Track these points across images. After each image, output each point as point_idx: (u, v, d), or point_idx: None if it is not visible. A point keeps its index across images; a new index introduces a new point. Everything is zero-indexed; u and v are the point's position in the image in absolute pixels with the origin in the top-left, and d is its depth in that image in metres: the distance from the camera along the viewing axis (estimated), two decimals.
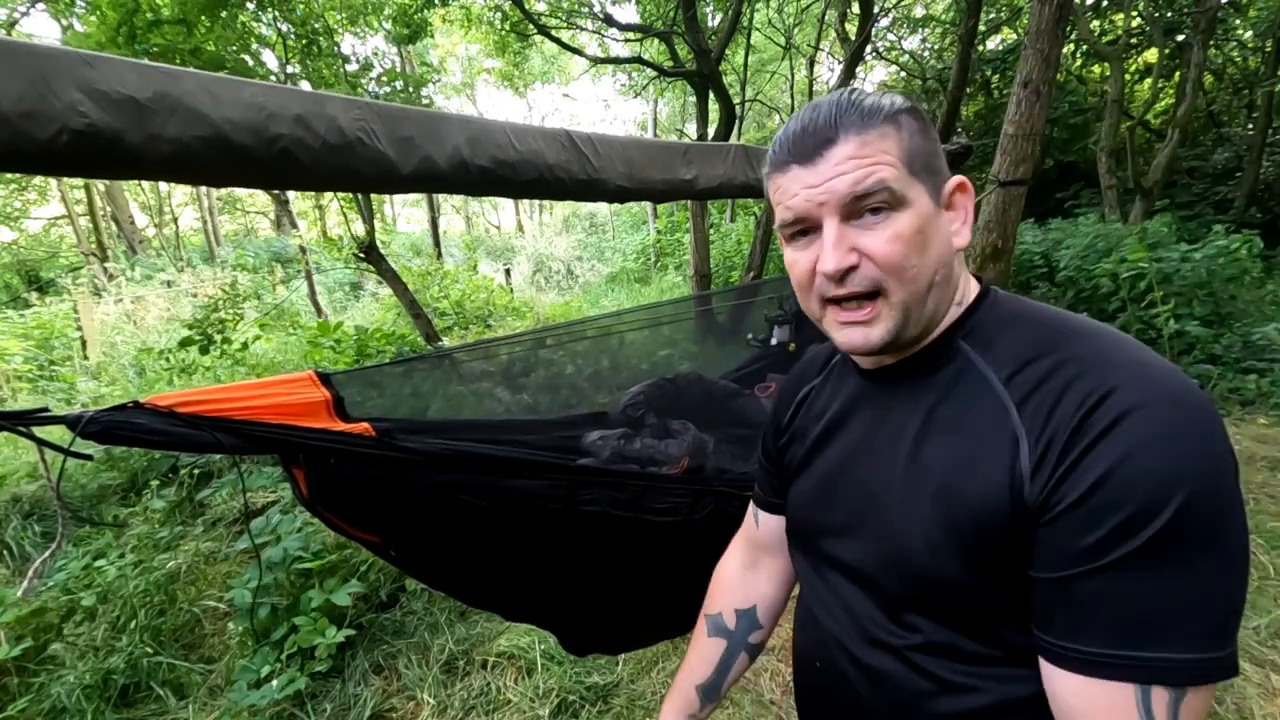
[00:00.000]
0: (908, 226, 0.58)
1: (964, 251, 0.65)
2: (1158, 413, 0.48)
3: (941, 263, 0.61)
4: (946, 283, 0.62)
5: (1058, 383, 0.53)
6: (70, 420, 0.72)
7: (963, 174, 0.64)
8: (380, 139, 0.96)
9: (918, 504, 0.59)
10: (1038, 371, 0.55)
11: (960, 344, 0.62)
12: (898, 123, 0.59)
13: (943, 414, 0.61)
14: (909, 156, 0.59)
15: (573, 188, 1.21)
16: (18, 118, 0.69)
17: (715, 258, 9.27)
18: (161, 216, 16.63)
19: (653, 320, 1.90)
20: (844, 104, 0.59)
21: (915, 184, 0.59)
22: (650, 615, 1.41)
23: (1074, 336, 0.56)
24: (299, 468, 0.90)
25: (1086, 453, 0.49)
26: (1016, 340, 0.59)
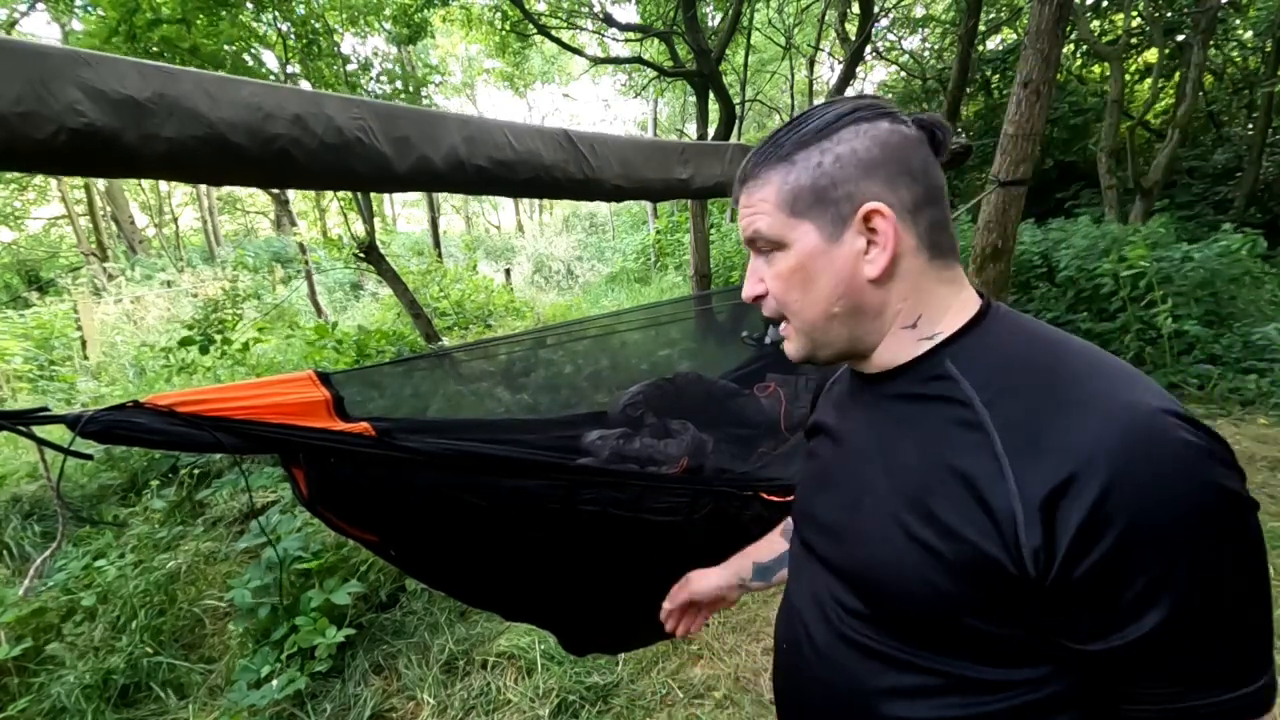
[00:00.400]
0: (785, 266, 0.62)
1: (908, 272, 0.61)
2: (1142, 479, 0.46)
3: (837, 296, 0.61)
4: (857, 313, 0.61)
5: (1045, 412, 0.51)
6: (70, 420, 0.72)
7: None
8: (377, 138, 0.96)
9: (892, 519, 0.59)
10: (1023, 394, 0.53)
11: (947, 364, 0.59)
12: (791, 162, 0.61)
13: (923, 431, 0.59)
14: (791, 198, 0.60)
15: (570, 187, 1.22)
16: (16, 117, 0.69)
17: (715, 258, 9.27)
18: (161, 216, 16.63)
19: (652, 320, 1.90)
20: (762, 145, 0.63)
21: (797, 224, 0.61)
22: (650, 615, 1.41)
23: (1064, 371, 0.53)
24: (299, 467, 0.90)
25: (1094, 515, 0.46)
26: (1005, 364, 0.57)
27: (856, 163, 0.59)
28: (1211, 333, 4.61)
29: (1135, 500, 0.46)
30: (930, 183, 0.61)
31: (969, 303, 0.62)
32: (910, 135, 0.61)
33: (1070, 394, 0.51)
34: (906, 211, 0.59)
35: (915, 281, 0.61)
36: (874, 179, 0.59)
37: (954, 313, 0.62)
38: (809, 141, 0.60)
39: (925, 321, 0.61)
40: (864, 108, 0.61)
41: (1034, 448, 0.50)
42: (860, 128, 0.59)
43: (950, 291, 0.62)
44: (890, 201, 0.59)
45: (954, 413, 0.56)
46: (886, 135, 0.59)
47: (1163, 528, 0.46)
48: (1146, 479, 0.46)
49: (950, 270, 0.62)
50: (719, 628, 2.47)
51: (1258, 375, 4.32)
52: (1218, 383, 4.36)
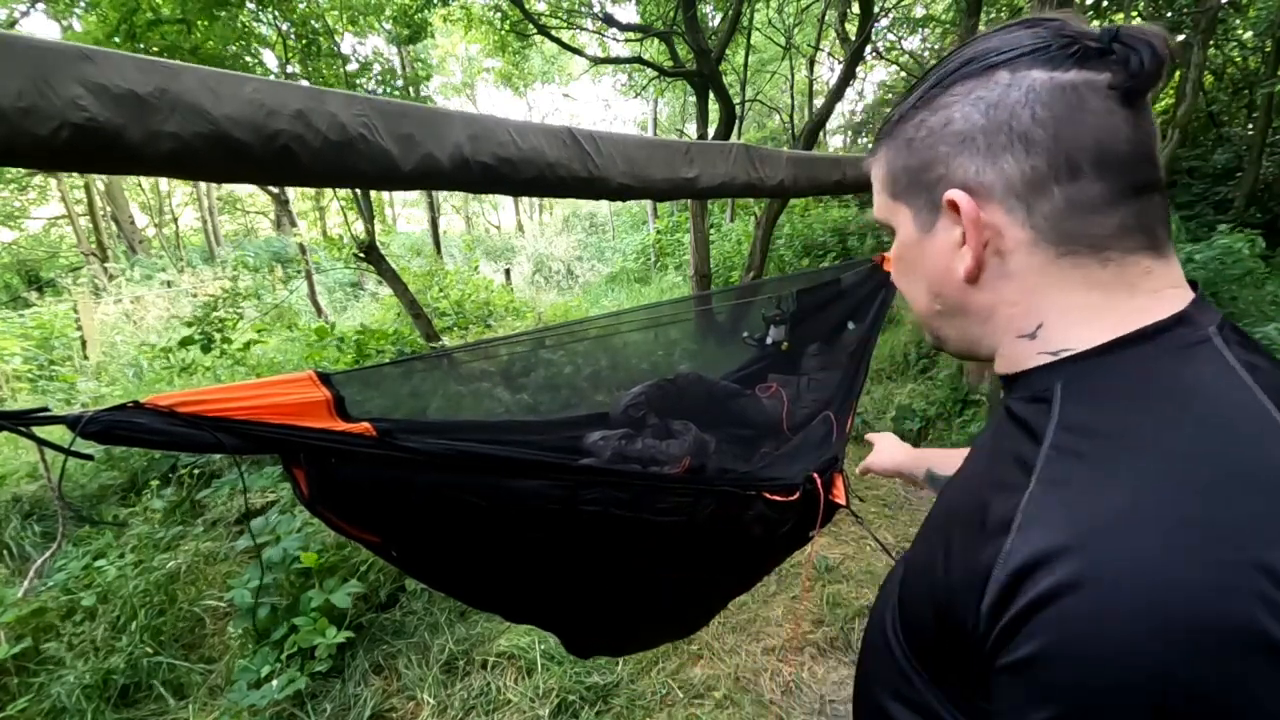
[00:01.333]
0: (894, 252, 0.57)
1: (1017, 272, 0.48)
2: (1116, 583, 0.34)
3: (933, 293, 0.54)
4: (959, 314, 0.53)
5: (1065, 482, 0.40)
6: (70, 420, 0.71)
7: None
8: (381, 135, 0.96)
9: (932, 535, 0.52)
10: (1075, 454, 0.41)
11: (1056, 387, 0.46)
12: (892, 138, 0.53)
13: (995, 456, 0.49)
14: (891, 180, 0.54)
15: (574, 186, 1.21)
16: (17, 113, 0.69)
17: (715, 258, 9.27)
18: (161, 216, 16.63)
19: (653, 320, 1.89)
20: (889, 114, 0.55)
21: (898, 209, 0.54)
22: (651, 616, 1.40)
23: (1141, 433, 0.40)
24: (299, 467, 0.90)
25: (1025, 614, 0.37)
26: (1109, 404, 0.43)
27: (950, 135, 0.47)
28: None
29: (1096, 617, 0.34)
30: (1070, 149, 0.44)
31: (1140, 314, 0.45)
32: (1047, 83, 0.44)
33: (1108, 469, 0.39)
34: (1014, 195, 0.46)
35: (1034, 282, 0.47)
36: (969, 155, 0.47)
37: (1100, 325, 0.46)
38: (910, 112, 0.51)
39: (1047, 332, 0.48)
40: (979, 57, 0.47)
41: (1045, 514, 0.40)
42: (965, 87, 0.47)
43: (1100, 298, 0.46)
44: (988, 183, 0.46)
45: (1021, 445, 0.45)
46: (999, 93, 0.45)
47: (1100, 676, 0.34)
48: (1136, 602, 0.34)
49: (1109, 268, 0.46)
50: (719, 628, 2.47)
51: None
52: None
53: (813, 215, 10.47)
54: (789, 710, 2.09)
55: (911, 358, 5.47)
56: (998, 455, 0.48)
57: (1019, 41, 0.46)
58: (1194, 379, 0.42)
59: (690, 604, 1.45)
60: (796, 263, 8.90)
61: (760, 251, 6.23)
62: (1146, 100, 0.45)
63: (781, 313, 2.05)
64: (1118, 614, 0.34)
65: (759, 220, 6.38)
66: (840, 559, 2.92)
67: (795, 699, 2.14)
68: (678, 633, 1.67)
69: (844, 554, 2.96)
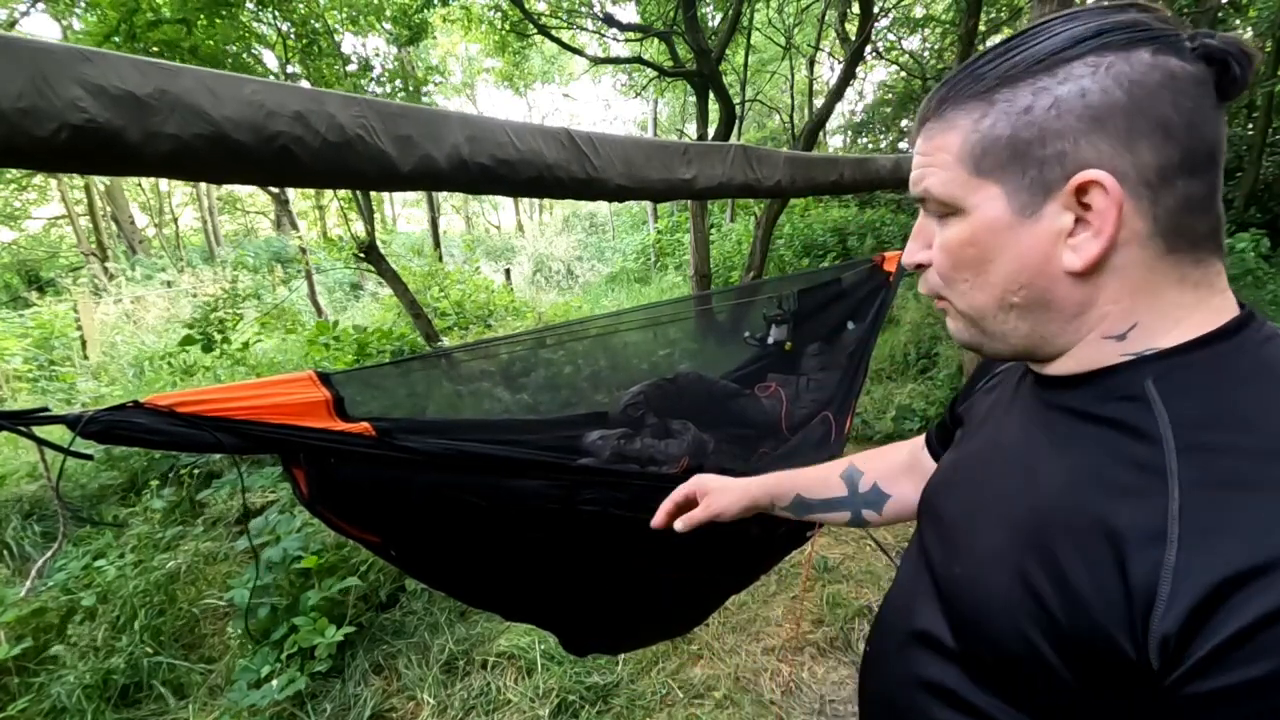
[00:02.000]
0: (955, 237, 0.50)
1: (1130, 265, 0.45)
2: None
3: (1017, 284, 0.48)
4: (1043, 308, 0.48)
5: (1248, 484, 0.38)
6: (70, 420, 0.72)
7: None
8: (380, 136, 0.96)
9: (1010, 549, 0.48)
10: (1232, 451, 0.39)
11: (1147, 385, 0.44)
12: (989, 101, 0.46)
13: (1083, 459, 0.46)
14: (980, 149, 0.47)
15: (572, 187, 1.21)
16: (16, 114, 0.69)
17: (715, 258, 9.27)
18: (161, 216, 16.63)
19: (653, 320, 1.89)
20: (964, 69, 0.48)
21: (981, 185, 0.47)
22: (650, 615, 1.41)
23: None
24: (299, 467, 0.90)
25: (1253, 629, 0.34)
26: (1231, 405, 0.42)
27: (1084, 110, 0.43)
28: None
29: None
30: (1196, 143, 0.43)
31: (1216, 314, 0.46)
32: (1183, 73, 0.42)
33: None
34: (1145, 185, 0.43)
35: (1138, 279, 0.45)
36: (1104, 135, 0.43)
37: (1186, 325, 0.45)
38: (1021, 75, 0.45)
39: (1139, 333, 0.46)
40: (1119, 28, 0.43)
41: (1221, 526, 0.37)
42: (1103, 59, 0.42)
43: (1192, 298, 0.45)
44: (1121, 169, 0.43)
45: (1129, 447, 0.43)
46: (1144, 72, 0.42)
47: None
48: None
49: (1199, 268, 0.45)
50: (719, 628, 2.47)
51: None
52: None
53: (813, 215, 10.48)
54: (789, 710, 2.09)
55: (911, 358, 5.47)
56: (1091, 461, 0.46)
57: (1149, 23, 0.43)
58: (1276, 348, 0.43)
59: (688, 603, 1.46)
60: (796, 263, 8.91)
61: (760, 251, 6.23)
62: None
63: (783, 312, 2.05)
64: None
65: (759, 220, 6.38)
66: (840, 559, 2.92)
67: (795, 699, 2.14)
68: (675, 631, 1.67)
69: (844, 554, 2.96)
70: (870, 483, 0.88)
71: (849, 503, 0.89)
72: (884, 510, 0.88)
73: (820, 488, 0.90)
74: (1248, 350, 0.44)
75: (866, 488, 0.88)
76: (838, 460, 0.93)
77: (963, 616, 0.52)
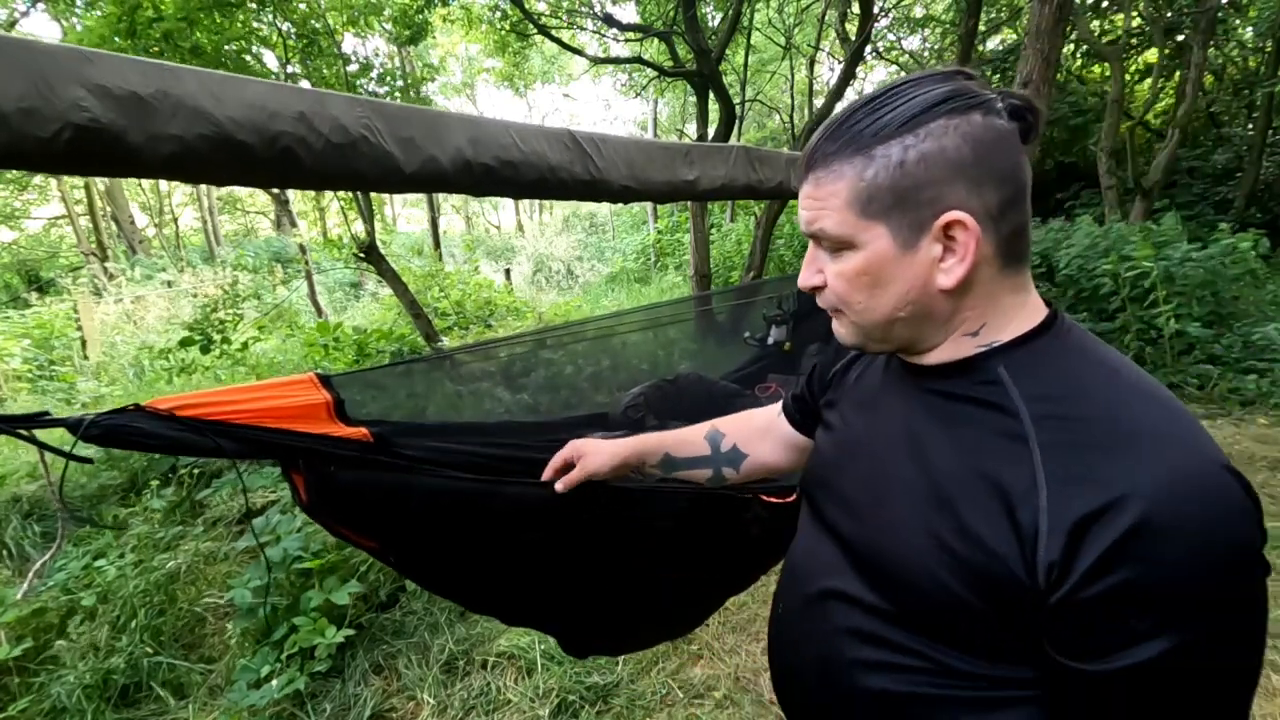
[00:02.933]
0: (851, 268, 0.59)
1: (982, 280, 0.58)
2: (1188, 519, 0.46)
3: (904, 302, 0.59)
4: (923, 319, 0.60)
5: (1091, 444, 0.50)
6: (71, 424, 0.72)
7: None
8: (384, 138, 0.96)
9: (920, 517, 0.58)
10: (1074, 419, 0.52)
11: (1000, 370, 0.57)
12: (869, 156, 0.56)
13: (961, 432, 0.58)
14: (865, 196, 0.56)
15: (575, 188, 1.21)
16: (18, 116, 0.69)
17: (715, 258, 9.27)
18: (161, 216, 16.63)
19: (653, 321, 1.90)
20: (834, 126, 0.58)
21: (869, 226, 0.57)
22: (650, 616, 1.40)
23: (1121, 402, 0.52)
24: (298, 473, 0.90)
25: (1111, 552, 0.46)
26: (1061, 382, 0.55)
27: (944, 164, 0.54)
28: (1212, 333, 4.61)
29: (1172, 543, 0.45)
30: (1018, 184, 0.56)
31: (1034, 312, 0.60)
32: (1004, 129, 0.55)
33: (1124, 428, 0.50)
34: (990, 218, 0.55)
35: (987, 290, 0.58)
36: (960, 182, 0.54)
37: (1017, 321, 0.59)
38: (893, 134, 0.55)
39: (987, 330, 0.59)
40: (957, 95, 0.55)
41: (1075, 476, 0.49)
42: (952, 122, 0.54)
43: (1017, 300, 0.59)
44: (974, 208, 0.54)
45: (999, 421, 0.55)
46: (980, 131, 0.54)
47: (1190, 579, 0.45)
48: (1195, 528, 0.46)
49: (1020, 277, 0.59)
50: (719, 628, 2.47)
51: (1258, 375, 4.32)
52: (1218, 383, 4.36)
53: None
54: None
55: None
56: (968, 433, 0.58)
57: (974, 90, 0.55)
58: (1093, 348, 0.58)
59: (688, 603, 1.45)
60: (796, 263, 8.90)
61: (760, 251, 6.24)
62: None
63: (783, 313, 2.05)
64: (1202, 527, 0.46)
65: (759, 220, 6.38)
66: None
67: None
68: (677, 631, 1.67)
69: None
70: (730, 444, 1.01)
71: (711, 461, 1.01)
72: (741, 468, 1.01)
73: (686, 448, 1.01)
74: (1061, 337, 0.58)
75: (727, 448, 1.00)
76: (703, 423, 1.04)
77: (884, 575, 0.62)
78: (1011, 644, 0.54)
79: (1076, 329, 0.60)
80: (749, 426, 1.02)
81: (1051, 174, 9.55)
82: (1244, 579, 0.47)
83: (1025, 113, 0.56)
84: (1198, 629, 0.46)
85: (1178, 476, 0.47)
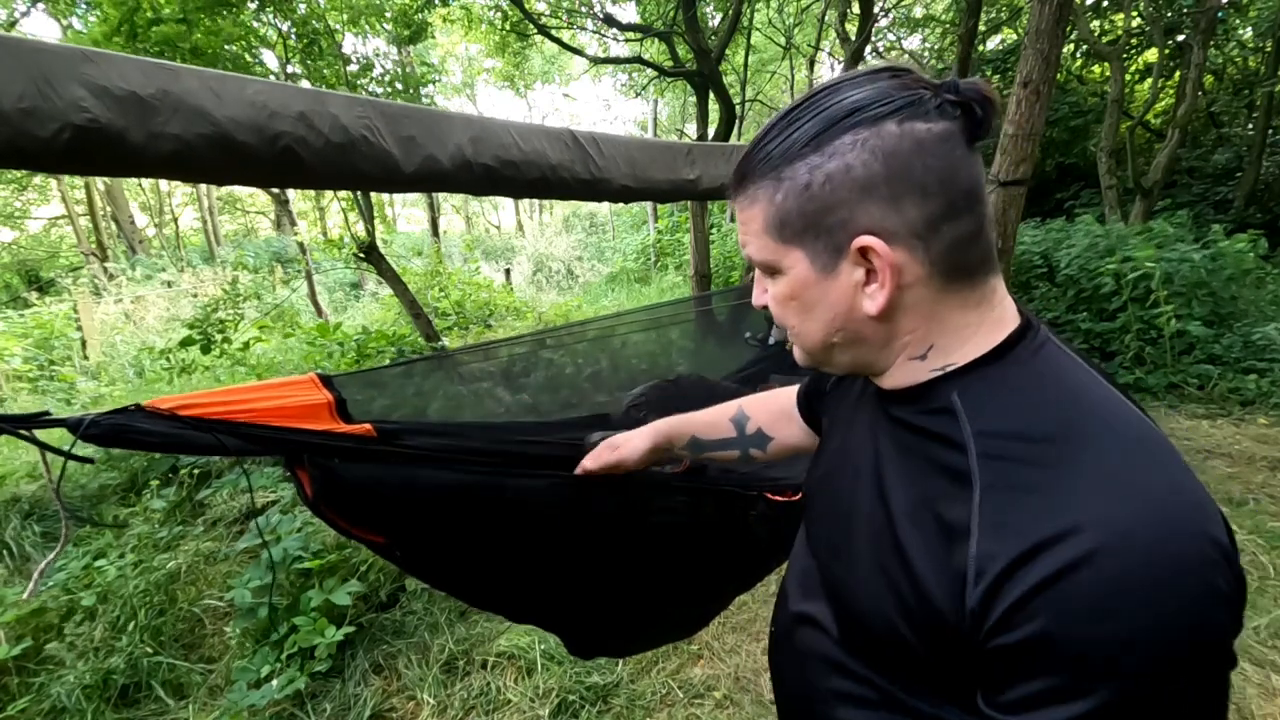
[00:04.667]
0: (780, 292, 0.58)
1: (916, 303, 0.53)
2: (1114, 570, 0.41)
3: (835, 328, 0.56)
4: (858, 343, 0.56)
5: (1028, 486, 0.46)
6: (71, 424, 0.72)
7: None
8: (384, 137, 0.95)
9: (874, 553, 0.57)
10: (1018, 459, 0.48)
11: (953, 398, 0.53)
12: (778, 179, 0.52)
13: (915, 464, 0.55)
14: (779, 221, 0.53)
15: (576, 188, 1.21)
16: (19, 115, 0.68)
17: (715, 258, 9.26)
18: (161, 216, 16.63)
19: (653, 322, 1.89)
20: (753, 143, 0.55)
21: (788, 250, 0.54)
22: (654, 617, 1.40)
23: (1077, 431, 0.47)
24: (303, 468, 0.90)
25: (1026, 599, 0.43)
26: (1018, 411, 0.50)
27: (850, 183, 0.50)
28: (1212, 333, 4.61)
29: (1102, 600, 0.41)
30: (953, 191, 0.50)
31: (998, 327, 0.54)
32: (927, 135, 0.49)
33: (1072, 470, 0.45)
34: (915, 236, 0.50)
35: (927, 311, 0.53)
36: (873, 201, 0.50)
37: (975, 341, 0.54)
38: (797, 154, 0.51)
39: (936, 353, 0.55)
40: (871, 104, 0.49)
41: (1009, 521, 0.46)
42: (860, 135, 0.49)
43: (973, 317, 0.54)
44: (891, 228, 0.50)
45: (947, 456, 0.52)
46: (894, 143, 0.49)
47: (1111, 642, 0.40)
48: (1135, 586, 0.40)
49: (976, 291, 0.53)
50: (719, 628, 2.47)
51: (1258, 375, 4.32)
52: (1218, 383, 4.36)
53: None
54: None
55: None
56: (920, 466, 0.55)
57: (893, 93, 0.50)
58: (1058, 373, 0.52)
59: (693, 603, 1.45)
60: None
61: None
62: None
63: None
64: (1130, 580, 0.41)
65: None
66: None
67: None
68: (683, 631, 1.67)
69: None
70: (756, 427, 1.01)
71: (738, 443, 1.02)
72: (767, 449, 1.01)
73: (713, 430, 1.02)
74: (1024, 361, 0.53)
75: (752, 431, 1.01)
76: (729, 404, 1.04)
77: (845, 609, 0.62)
78: (956, 689, 0.51)
79: (1050, 345, 0.54)
80: (773, 409, 1.01)
81: (1051, 174, 9.55)
82: (1187, 663, 0.41)
83: (968, 106, 0.50)
84: (1112, 703, 0.40)
85: (1131, 526, 0.42)
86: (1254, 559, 2.62)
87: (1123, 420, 0.48)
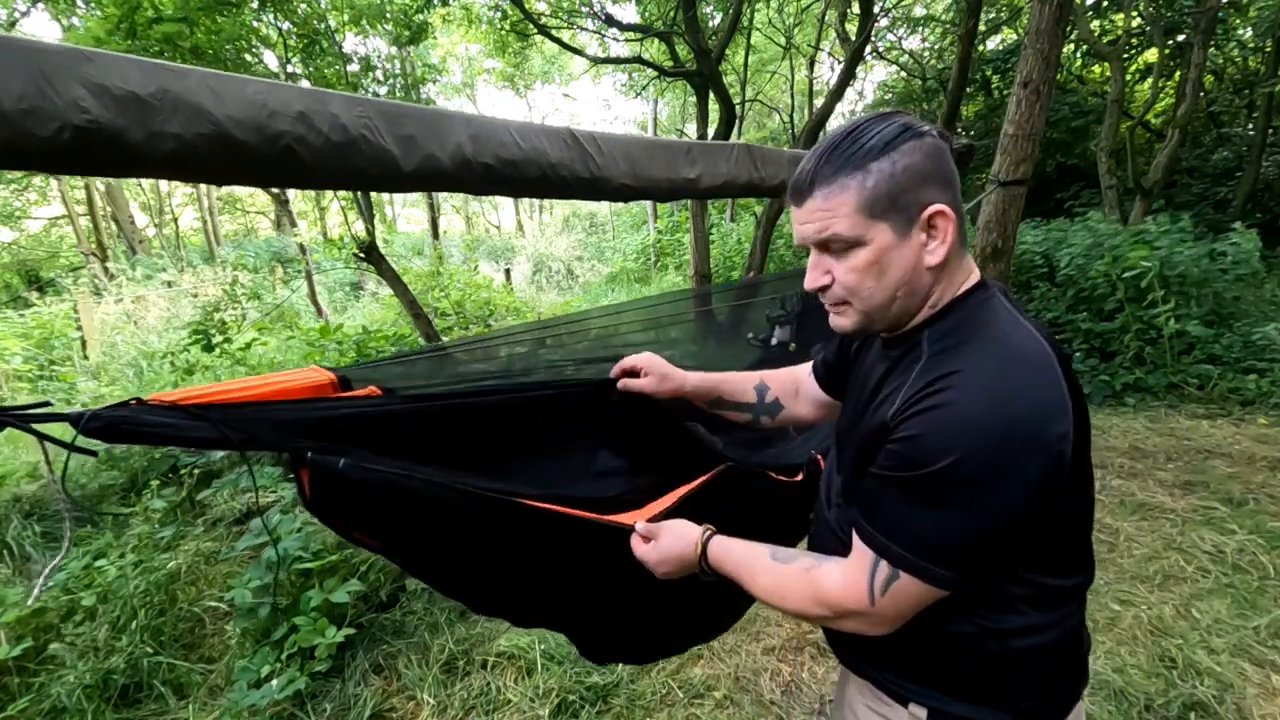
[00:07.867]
0: (863, 261, 0.75)
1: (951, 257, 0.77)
2: (966, 400, 0.67)
3: (903, 282, 0.76)
4: (912, 294, 0.77)
5: (937, 362, 0.73)
6: (73, 417, 0.71)
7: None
8: (383, 136, 0.96)
9: (858, 418, 0.84)
10: (939, 351, 0.75)
11: (922, 335, 0.78)
12: (866, 171, 0.72)
13: (897, 366, 0.80)
14: (870, 202, 0.72)
15: (576, 186, 1.21)
16: (18, 115, 0.68)
17: (715, 258, 9.27)
18: (161, 216, 16.65)
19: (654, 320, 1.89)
20: (824, 153, 0.74)
21: (874, 225, 0.73)
22: (662, 621, 1.38)
23: (975, 340, 0.74)
24: (305, 467, 0.89)
25: (915, 414, 0.70)
26: (951, 332, 0.76)
27: (919, 171, 0.72)
28: (1212, 333, 4.61)
29: (958, 406, 0.68)
30: (956, 182, 0.76)
31: (968, 279, 0.80)
32: (944, 146, 0.75)
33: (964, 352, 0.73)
34: (954, 209, 0.74)
35: (951, 267, 0.77)
36: (933, 184, 0.73)
37: (952, 290, 0.79)
38: (878, 154, 0.72)
39: (939, 298, 0.78)
40: (912, 126, 0.74)
41: (917, 376, 0.73)
42: (916, 142, 0.73)
43: (960, 277, 0.79)
44: (946, 201, 0.73)
45: (912, 365, 0.76)
46: (933, 148, 0.73)
47: (952, 434, 0.67)
48: (967, 404, 0.68)
49: (965, 257, 0.79)
50: None
51: (1258, 375, 4.32)
52: (1218, 383, 4.36)
53: None
54: (789, 710, 2.09)
55: None
56: (899, 368, 0.79)
57: (916, 122, 0.75)
58: (990, 314, 0.76)
59: (701, 607, 1.43)
60: (797, 263, 8.90)
61: (761, 251, 6.23)
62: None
63: (786, 313, 2.04)
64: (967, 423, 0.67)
65: (759, 220, 6.38)
66: None
67: (795, 699, 2.14)
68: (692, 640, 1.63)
69: None
70: (773, 397, 1.21)
71: (755, 409, 1.21)
72: (777, 418, 1.21)
73: (737, 393, 1.21)
74: (976, 304, 0.78)
75: (770, 400, 1.21)
76: (753, 373, 1.23)
77: (842, 459, 0.91)
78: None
79: (996, 300, 0.78)
80: (787, 383, 1.21)
81: (1052, 174, 9.55)
82: (978, 485, 0.67)
83: (948, 139, 0.78)
84: (946, 470, 0.66)
85: (981, 394, 0.68)
86: (1254, 559, 2.62)
87: (1019, 345, 0.72)
